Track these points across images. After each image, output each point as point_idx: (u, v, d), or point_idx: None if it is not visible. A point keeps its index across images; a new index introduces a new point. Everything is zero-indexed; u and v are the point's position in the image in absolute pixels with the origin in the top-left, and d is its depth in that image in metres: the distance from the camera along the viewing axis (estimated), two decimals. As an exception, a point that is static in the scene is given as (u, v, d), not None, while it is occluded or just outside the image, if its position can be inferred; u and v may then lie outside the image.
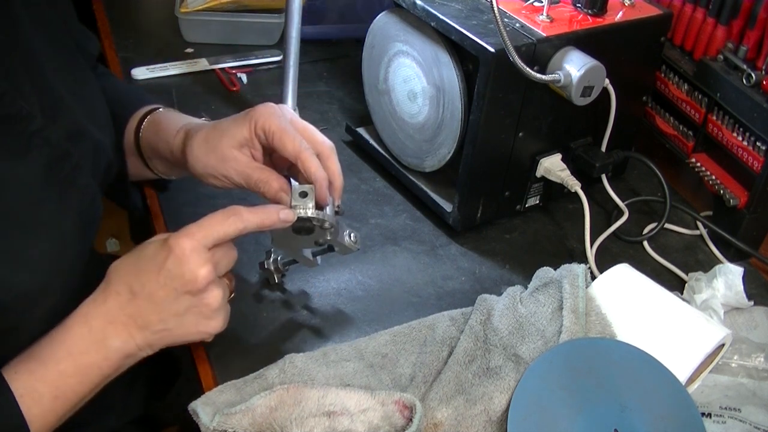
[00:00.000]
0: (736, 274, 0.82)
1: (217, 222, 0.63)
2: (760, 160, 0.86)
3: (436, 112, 0.89)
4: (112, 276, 0.64)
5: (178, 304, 0.63)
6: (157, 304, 0.62)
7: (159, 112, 0.82)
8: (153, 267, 0.62)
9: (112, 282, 0.63)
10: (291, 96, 1.05)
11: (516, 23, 0.82)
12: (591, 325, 0.75)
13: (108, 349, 0.62)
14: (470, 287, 0.85)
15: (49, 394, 0.60)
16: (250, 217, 0.64)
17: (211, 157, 0.71)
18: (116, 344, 0.62)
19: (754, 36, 0.87)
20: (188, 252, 0.61)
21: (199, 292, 0.63)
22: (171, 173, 0.85)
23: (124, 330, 0.62)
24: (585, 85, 0.80)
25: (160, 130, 0.79)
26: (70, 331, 0.62)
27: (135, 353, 0.64)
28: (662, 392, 0.69)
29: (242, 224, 0.64)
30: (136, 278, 0.62)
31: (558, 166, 0.91)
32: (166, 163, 0.81)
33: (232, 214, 0.64)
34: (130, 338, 0.63)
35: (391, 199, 0.97)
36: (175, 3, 1.22)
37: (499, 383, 0.70)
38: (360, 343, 0.75)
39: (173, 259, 0.61)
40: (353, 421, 0.65)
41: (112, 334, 0.62)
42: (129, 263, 0.64)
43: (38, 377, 0.60)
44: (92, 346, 0.61)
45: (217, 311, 0.65)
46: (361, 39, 0.99)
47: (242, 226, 0.64)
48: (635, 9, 0.89)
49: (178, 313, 0.63)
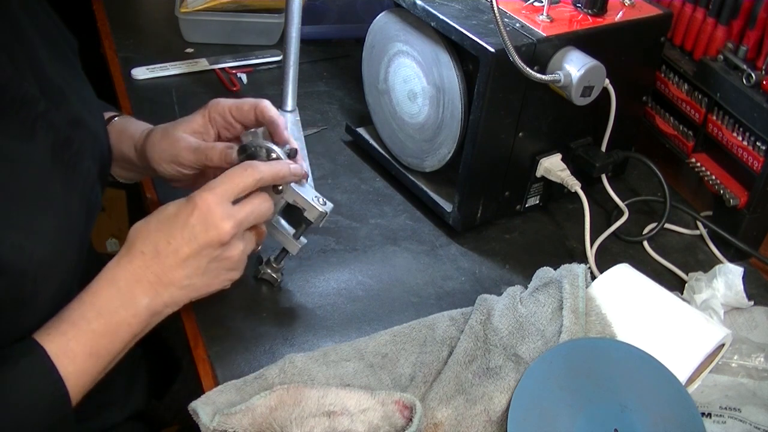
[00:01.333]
0: (736, 274, 0.82)
1: (236, 175, 0.67)
2: (760, 160, 0.86)
3: (436, 112, 0.89)
4: (135, 237, 0.65)
5: (201, 259, 0.65)
6: (182, 260, 0.64)
7: (121, 117, 0.84)
8: (177, 224, 0.64)
9: (136, 242, 0.65)
10: (291, 96, 1.05)
11: (516, 23, 0.82)
12: (591, 325, 0.75)
13: (137, 307, 0.64)
14: (470, 287, 0.85)
15: (83, 353, 0.61)
16: (264, 168, 0.68)
17: (164, 142, 0.75)
18: (144, 302, 0.64)
19: (754, 36, 0.87)
20: (213, 206, 0.64)
21: (222, 245, 0.65)
22: (129, 176, 0.86)
23: (150, 288, 0.64)
24: (585, 85, 0.80)
25: (125, 132, 0.81)
26: (98, 292, 0.63)
27: (161, 310, 0.65)
28: (662, 392, 0.69)
29: (258, 174, 0.67)
30: (161, 236, 0.64)
31: (558, 166, 0.91)
32: (128, 165, 0.83)
33: (249, 166, 0.67)
34: (157, 295, 0.64)
35: (391, 199, 0.97)
36: (175, 3, 1.22)
37: (499, 383, 0.70)
38: (360, 343, 0.75)
39: (198, 214, 0.64)
40: (353, 421, 0.65)
41: (140, 293, 0.64)
42: (152, 222, 0.66)
43: (71, 337, 0.61)
44: (122, 305, 0.63)
45: (238, 263, 0.68)
46: (361, 39, 0.99)
47: (259, 176, 0.67)
48: (635, 9, 0.89)
49: (201, 267, 0.66)
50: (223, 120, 0.75)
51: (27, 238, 0.59)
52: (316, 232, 0.90)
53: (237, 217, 0.66)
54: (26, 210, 0.60)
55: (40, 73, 0.65)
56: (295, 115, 1.05)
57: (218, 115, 0.75)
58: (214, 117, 0.75)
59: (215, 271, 0.67)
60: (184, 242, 0.64)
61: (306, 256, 0.87)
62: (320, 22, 1.31)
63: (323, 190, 0.96)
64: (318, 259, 0.87)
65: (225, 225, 0.65)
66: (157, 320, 0.66)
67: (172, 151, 0.75)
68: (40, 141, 0.62)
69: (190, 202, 0.65)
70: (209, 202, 0.64)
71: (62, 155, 0.64)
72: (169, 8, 1.25)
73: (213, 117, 0.75)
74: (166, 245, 0.64)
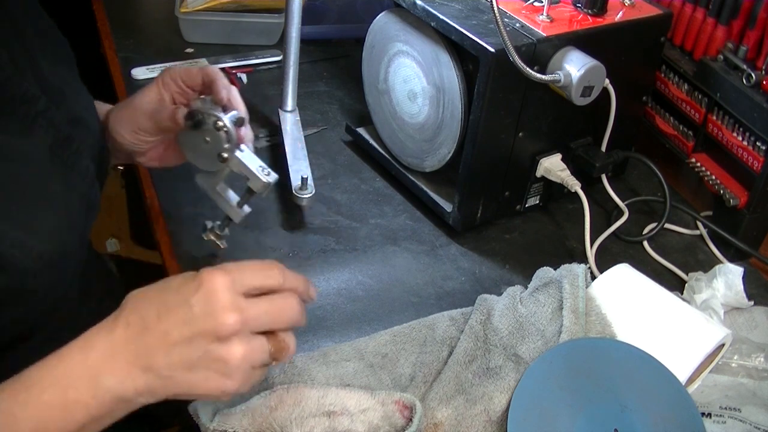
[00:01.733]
0: (736, 274, 0.82)
1: (258, 268, 0.58)
2: (760, 160, 0.86)
3: (436, 112, 0.89)
4: (127, 304, 0.57)
5: (192, 349, 0.54)
6: (168, 344, 0.54)
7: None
8: (175, 300, 0.55)
9: (125, 310, 0.56)
10: (291, 96, 1.05)
11: (516, 23, 0.82)
12: (591, 325, 0.75)
13: (98, 388, 0.54)
14: (470, 287, 0.85)
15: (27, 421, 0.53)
16: (293, 281, 0.60)
17: (124, 113, 0.77)
18: (110, 383, 0.54)
19: (754, 36, 0.87)
20: (220, 289, 0.55)
21: (218, 338, 0.54)
22: None
23: (124, 368, 0.54)
24: (585, 85, 0.80)
25: None
26: (65, 358, 0.55)
27: (132, 398, 0.55)
28: (662, 392, 0.69)
29: (283, 280, 0.59)
30: (152, 310, 0.55)
31: (558, 166, 0.91)
32: None
33: (277, 266, 0.59)
34: (128, 378, 0.54)
35: (391, 199, 0.97)
36: (175, 3, 1.22)
37: (499, 383, 0.70)
38: (360, 343, 0.75)
39: (202, 295, 0.55)
40: (353, 421, 0.65)
41: (108, 371, 0.54)
42: (150, 292, 0.57)
43: (21, 401, 0.53)
44: (82, 380, 0.54)
45: (235, 370, 0.55)
46: (361, 39, 0.99)
47: (282, 281, 0.59)
48: (635, 9, 0.89)
49: (190, 361, 0.54)
50: (175, 85, 0.76)
51: (28, 235, 0.58)
52: (316, 232, 0.91)
53: (246, 311, 0.55)
54: (27, 207, 0.59)
55: (39, 72, 0.66)
56: (295, 115, 1.05)
57: (171, 81, 0.76)
58: (168, 83, 0.76)
59: (204, 372, 0.55)
60: (177, 323, 0.54)
61: (306, 256, 0.87)
62: (320, 22, 1.31)
63: (323, 190, 0.96)
64: (318, 259, 0.87)
65: (228, 316, 0.54)
66: (125, 409, 0.56)
67: (132, 119, 0.76)
68: (40, 139, 0.62)
69: (196, 279, 0.55)
70: (217, 284, 0.55)
71: (62, 154, 0.64)
72: (169, 8, 1.25)
73: (167, 83, 0.76)
74: (155, 322, 0.54)
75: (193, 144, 0.74)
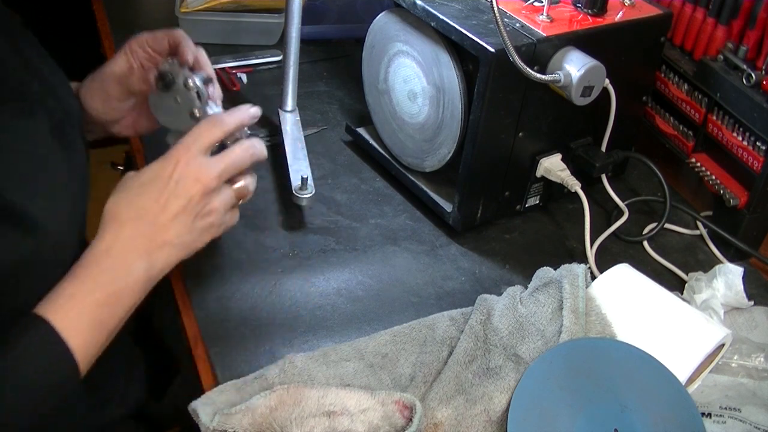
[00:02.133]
0: (736, 274, 0.82)
1: (205, 130, 0.69)
2: (760, 160, 0.86)
3: (436, 112, 0.89)
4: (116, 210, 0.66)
5: (189, 214, 0.67)
6: (173, 216, 0.66)
7: None
8: (160, 182, 0.66)
9: (119, 214, 0.65)
10: (291, 96, 1.05)
11: (516, 23, 0.82)
12: (591, 325, 0.75)
13: (134, 275, 0.64)
14: (470, 287, 0.85)
15: (87, 324, 0.62)
16: (229, 120, 0.71)
17: (94, 84, 0.79)
18: (141, 268, 0.65)
19: (754, 36, 0.87)
20: (192, 159, 0.67)
21: (206, 195, 0.67)
22: None
23: (145, 253, 0.65)
24: (585, 85, 0.80)
25: None
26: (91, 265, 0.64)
27: (158, 275, 0.67)
28: (662, 392, 0.69)
29: (225, 127, 0.70)
30: (146, 199, 0.66)
31: (558, 166, 0.91)
32: None
33: (216, 120, 0.70)
34: (151, 259, 0.65)
35: (391, 199, 0.97)
36: (175, 3, 1.22)
37: (499, 383, 0.70)
38: (360, 343, 0.75)
39: (180, 169, 0.66)
40: (353, 421, 0.65)
41: (136, 258, 0.64)
42: (131, 190, 0.67)
43: (73, 309, 0.61)
44: (120, 274, 0.64)
45: (219, 216, 0.70)
46: (361, 39, 0.99)
47: (225, 128, 0.70)
48: (635, 9, 0.89)
49: (189, 223, 0.67)
50: (143, 51, 0.78)
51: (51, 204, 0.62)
52: (316, 232, 0.91)
53: (218, 167, 0.68)
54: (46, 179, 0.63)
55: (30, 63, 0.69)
56: (295, 115, 1.05)
57: (138, 47, 0.77)
58: (135, 50, 0.77)
59: (200, 228, 0.69)
60: (172, 198, 0.66)
61: (306, 255, 0.87)
62: (320, 22, 1.31)
63: (323, 190, 0.96)
64: (318, 259, 0.87)
65: (208, 174, 0.67)
66: (156, 279, 0.67)
67: (102, 88, 0.78)
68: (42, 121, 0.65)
69: (169, 160, 0.67)
70: (188, 156, 0.67)
71: (61, 137, 0.67)
72: (169, 8, 1.24)
73: (134, 50, 0.77)
74: (154, 204, 0.65)
75: (164, 105, 0.76)
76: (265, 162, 1.00)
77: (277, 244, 0.88)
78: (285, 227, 0.91)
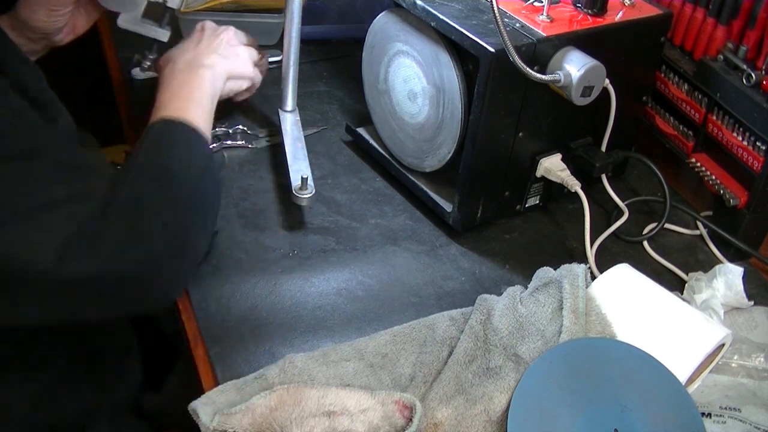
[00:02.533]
0: (736, 274, 0.82)
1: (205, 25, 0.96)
2: (760, 160, 0.86)
3: (436, 112, 0.89)
4: (168, 56, 0.90)
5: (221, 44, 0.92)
6: (207, 47, 0.90)
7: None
8: (195, 38, 0.92)
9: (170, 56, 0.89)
10: (291, 96, 1.05)
11: (516, 23, 0.82)
12: (591, 325, 0.75)
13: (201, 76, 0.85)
14: (470, 287, 0.85)
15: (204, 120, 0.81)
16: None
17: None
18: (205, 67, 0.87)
19: (754, 36, 0.87)
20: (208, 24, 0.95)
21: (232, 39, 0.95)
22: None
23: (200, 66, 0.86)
24: (585, 85, 0.80)
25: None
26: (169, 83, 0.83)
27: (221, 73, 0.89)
28: (662, 392, 0.69)
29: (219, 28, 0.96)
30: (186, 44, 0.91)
31: (558, 166, 0.91)
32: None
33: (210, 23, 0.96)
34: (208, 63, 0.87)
35: (391, 199, 0.97)
36: (175, 3, 1.22)
37: (499, 383, 0.70)
38: (360, 343, 0.75)
39: (202, 31, 0.93)
40: (353, 421, 0.65)
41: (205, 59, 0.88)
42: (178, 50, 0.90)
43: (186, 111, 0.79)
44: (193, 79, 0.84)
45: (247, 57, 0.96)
46: (361, 39, 0.99)
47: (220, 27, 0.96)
48: (635, 9, 0.89)
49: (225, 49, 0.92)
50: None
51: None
52: (316, 232, 0.91)
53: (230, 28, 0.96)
54: None
55: None
56: (295, 115, 1.05)
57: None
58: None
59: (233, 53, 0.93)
60: (205, 40, 0.91)
61: (306, 256, 0.87)
62: (320, 22, 1.31)
63: (323, 190, 0.96)
64: (318, 259, 0.87)
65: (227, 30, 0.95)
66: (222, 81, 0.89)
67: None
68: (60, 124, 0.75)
69: (193, 35, 0.93)
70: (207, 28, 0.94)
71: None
72: (170, 8, 1.24)
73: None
74: (196, 45, 0.90)
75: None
76: (265, 162, 1.01)
77: (277, 244, 0.88)
78: (285, 227, 0.91)
